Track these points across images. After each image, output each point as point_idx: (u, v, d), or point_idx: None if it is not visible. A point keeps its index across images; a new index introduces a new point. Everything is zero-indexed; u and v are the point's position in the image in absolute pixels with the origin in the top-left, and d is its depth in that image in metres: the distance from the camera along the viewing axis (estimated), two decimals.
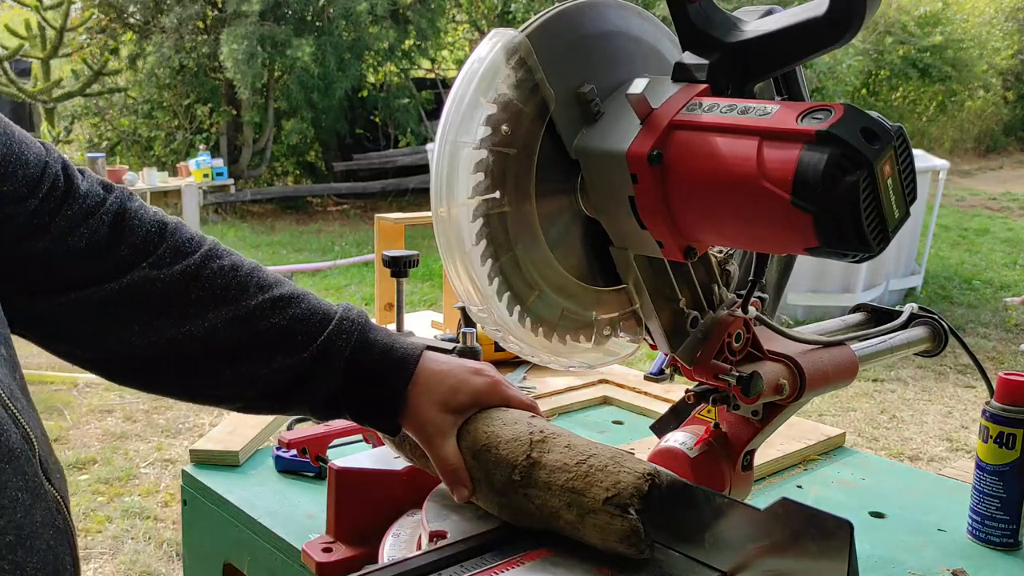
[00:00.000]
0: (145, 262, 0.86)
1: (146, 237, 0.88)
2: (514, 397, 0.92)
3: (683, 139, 0.78)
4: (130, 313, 0.85)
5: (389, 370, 0.89)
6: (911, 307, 1.15)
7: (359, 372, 0.89)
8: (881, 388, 4.71)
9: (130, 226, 0.87)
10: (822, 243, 0.72)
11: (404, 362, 0.89)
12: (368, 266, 7.20)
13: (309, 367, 0.88)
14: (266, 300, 0.89)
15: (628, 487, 0.80)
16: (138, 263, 0.86)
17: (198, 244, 0.90)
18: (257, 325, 0.88)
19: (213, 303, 0.87)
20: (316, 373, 0.88)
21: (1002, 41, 14.73)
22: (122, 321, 0.86)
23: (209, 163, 6.91)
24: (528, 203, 0.85)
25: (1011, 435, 1.05)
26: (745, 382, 0.87)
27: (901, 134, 0.72)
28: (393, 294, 1.54)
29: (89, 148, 9.30)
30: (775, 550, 0.75)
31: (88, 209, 0.86)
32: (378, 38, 10.02)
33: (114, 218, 0.87)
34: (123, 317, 0.86)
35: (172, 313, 0.86)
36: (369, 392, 0.90)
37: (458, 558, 0.82)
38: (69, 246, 0.84)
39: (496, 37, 0.84)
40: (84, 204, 0.86)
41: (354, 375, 0.89)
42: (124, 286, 0.85)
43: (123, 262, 0.86)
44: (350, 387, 0.89)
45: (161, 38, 9.72)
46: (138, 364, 0.88)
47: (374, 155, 11.12)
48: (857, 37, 1.14)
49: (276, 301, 0.89)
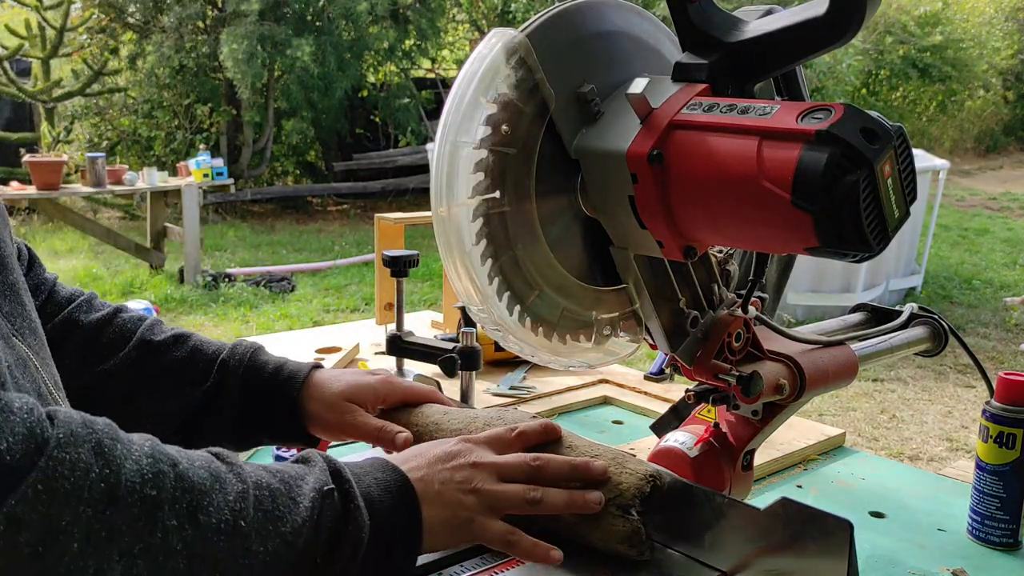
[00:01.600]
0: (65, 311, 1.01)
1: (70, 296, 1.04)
2: (411, 386, 1.01)
3: (683, 139, 0.78)
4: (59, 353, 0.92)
5: (282, 383, 0.98)
6: (911, 307, 1.15)
7: (255, 389, 0.98)
8: (881, 388, 4.71)
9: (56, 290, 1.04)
10: (822, 243, 0.72)
11: (295, 374, 0.99)
12: (368, 266, 7.20)
13: (210, 391, 0.98)
14: (168, 337, 1.01)
15: (630, 488, 0.80)
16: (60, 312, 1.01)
17: (108, 304, 1.05)
18: (162, 359, 1.00)
19: (123, 343, 1.00)
20: (216, 395, 0.98)
21: (1002, 41, 14.73)
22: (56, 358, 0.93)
23: (209, 163, 6.89)
24: (528, 203, 0.85)
25: (1011, 435, 1.05)
26: (745, 382, 0.87)
27: (901, 134, 0.72)
28: (393, 294, 1.54)
29: (89, 148, 9.29)
30: (775, 550, 0.75)
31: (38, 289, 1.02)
32: (378, 38, 10.02)
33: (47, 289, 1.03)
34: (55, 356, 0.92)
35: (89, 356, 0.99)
36: (268, 407, 0.98)
37: (458, 558, 0.82)
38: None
39: (496, 37, 0.84)
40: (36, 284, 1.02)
41: (251, 392, 0.98)
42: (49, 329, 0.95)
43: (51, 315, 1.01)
44: (250, 405, 0.98)
45: (161, 38, 9.72)
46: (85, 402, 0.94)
47: (374, 155, 11.12)
48: (857, 37, 1.14)
49: (177, 337, 1.02)
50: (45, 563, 0.57)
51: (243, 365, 0.99)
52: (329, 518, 0.71)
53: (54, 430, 0.59)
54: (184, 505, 0.63)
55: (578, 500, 0.80)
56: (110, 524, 0.59)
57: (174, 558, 0.62)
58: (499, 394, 1.55)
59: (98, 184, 6.27)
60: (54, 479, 0.57)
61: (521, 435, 0.86)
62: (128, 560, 0.60)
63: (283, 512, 0.69)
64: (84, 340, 1.00)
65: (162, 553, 0.61)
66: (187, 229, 6.55)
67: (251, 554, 0.66)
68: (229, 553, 0.65)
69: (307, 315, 5.91)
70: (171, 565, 0.62)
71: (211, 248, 8.01)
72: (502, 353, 1.63)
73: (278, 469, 0.73)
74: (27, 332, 0.79)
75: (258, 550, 0.66)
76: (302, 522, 0.69)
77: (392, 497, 0.76)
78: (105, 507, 0.59)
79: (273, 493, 0.70)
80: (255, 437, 1.01)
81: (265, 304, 6.15)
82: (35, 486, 0.56)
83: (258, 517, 0.67)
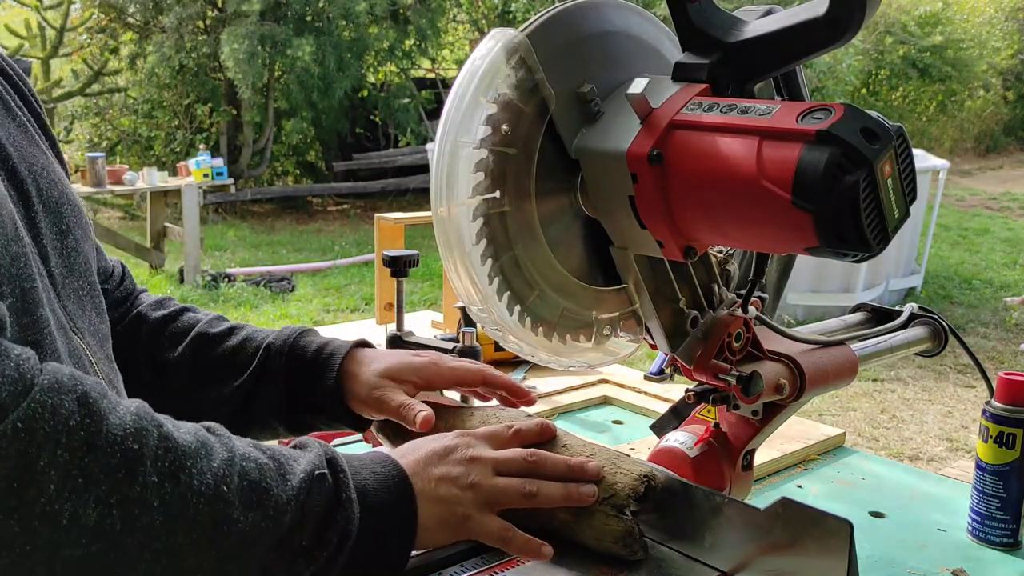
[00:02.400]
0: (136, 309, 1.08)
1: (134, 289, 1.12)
2: (460, 365, 1.00)
3: (683, 139, 0.78)
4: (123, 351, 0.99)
5: (323, 361, 0.99)
6: (911, 307, 1.15)
7: (298, 369, 0.99)
8: (881, 388, 4.71)
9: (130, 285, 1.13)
10: (822, 243, 0.72)
11: (336, 351, 0.99)
12: (368, 266, 7.20)
13: (258, 373, 1.00)
14: (224, 329, 1.05)
15: (624, 488, 0.80)
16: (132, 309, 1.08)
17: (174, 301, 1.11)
18: (215, 349, 1.03)
19: (183, 336, 1.04)
20: (263, 378, 1.00)
21: (1002, 41, 14.73)
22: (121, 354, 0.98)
23: (209, 163, 6.89)
24: (528, 203, 0.85)
25: (1011, 435, 1.05)
26: (745, 382, 0.87)
27: (901, 134, 0.72)
28: (393, 294, 1.54)
29: (89, 148, 9.29)
30: (775, 550, 0.76)
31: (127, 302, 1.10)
32: (378, 38, 10.02)
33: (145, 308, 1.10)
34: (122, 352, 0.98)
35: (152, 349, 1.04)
36: (311, 385, 0.98)
37: (458, 558, 0.82)
38: None
39: (496, 37, 0.83)
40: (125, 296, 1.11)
41: (294, 372, 0.99)
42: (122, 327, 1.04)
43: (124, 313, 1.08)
44: (294, 385, 0.99)
45: (161, 38, 9.72)
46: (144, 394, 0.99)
47: (374, 155, 11.12)
48: (857, 37, 1.14)
49: (232, 328, 1.05)
50: (22, 499, 0.59)
51: (287, 346, 1.00)
52: (318, 503, 0.71)
53: (41, 377, 0.62)
54: (166, 464, 0.64)
55: (573, 493, 0.81)
56: (87, 471, 0.61)
57: (150, 513, 0.63)
58: None
59: (98, 184, 6.27)
60: (34, 420, 0.60)
61: (517, 433, 0.87)
62: (104, 509, 0.61)
63: (270, 486, 0.69)
64: (150, 334, 1.05)
65: (139, 506, 0.62)
66: (187, 229, 6.55)
67: (231, 522, 0.66)
68: (209, 517, 0.65)
69: (307, 315, 5.92)
70: (147, 520, 0.63)
71: (211, 248, 8.01)
72: (502, 353, 1.63)
73: (271, 448, 0.74)
74: (87, 332, 0.85)
75: (238, 518, 0.66)
76: (287, 499, 0.69)
77: (388, 492, 0.76)
78: (84, 454, 0.61)
79: (261, 467, 0.70)
80: (304, 419, 1.01)
81: (265, 304, 6.15)
82: (15, 424, 0.59)
83: (243, 486, 0.68)
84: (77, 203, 0.90)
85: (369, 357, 0.99)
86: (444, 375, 0.98)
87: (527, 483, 0.81)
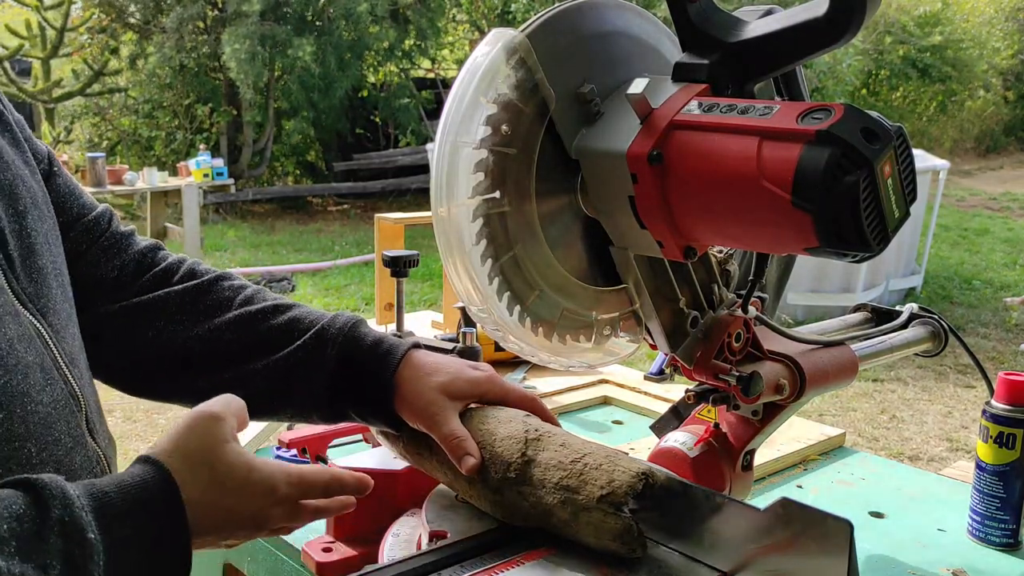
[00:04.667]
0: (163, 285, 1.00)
1: (167, 268, 1.02)
2: (513, 389, 0.93)
3: (683, 139, 0.78)
4: (147, 322, 0.97)
5: (379, 357, 0.93)
6: (911, 307, 1.15)
7: (350, 359, 0.93)
8: (881, 388, 4.71)
9: (153, 261, 1.03)
10: (822, 243, 0.72)
11: (393, 349, 0.93)
12: (368, 266, 7.20)
13: (304, 355, 0.94)
14: (268, 306, 0.98)
15: (622, 486, 0.80)
16: (157, 288, 0.99)
17: (210, 270, 1.03)
18: (259, 326, 0.96)
19: (220, 311, 0.97)
20: (310, 360, 0.93)
21: (1002, 41, 14.73)
22: (139, 328, 0.97)
23: (209, 163, 6.90)
24: (528, 203, 0.85)
25: (1011, 435, 1.05)
26: (745, 382, 0.87)
27: (901, 134, 0.72)
28: (393, 294, 1.54)
29: (89, 148, 9.30)
30: (775, 550, 0.75)
31: (119, 246, 1.02)
32: (378, 38, 10.02)
33: (141, 257, 1.02)
34: (140, 325, 0.97)
35: (183, 320, 0.97)
36: (360, 378, 0.93)
37: (458, 558, 0.82)
38: (101, 274, 0.99)
39: (496, 37, 0.84)
40: (115, 241, 1.02)
41: (345, 361, 0.93)
42: (144, 301, 0.98)
43: (144, 288, 1.00)
44: (343, 374, 0.93)
45: (162, 38, 9.72)
46: (151, 367, 0.98)
47: (374, 155, 11.12)
48: (857, 37, 1.15)
49: (277, 307, 0.98)
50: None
51: (343, 334, 0.94)
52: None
53: None
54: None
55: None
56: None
57: None
58: None
59: (98, 184, 6.27)
60: None
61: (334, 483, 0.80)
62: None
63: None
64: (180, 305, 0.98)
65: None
66: (187, 229, 6.55)
67: None
68: None
69: None
70: None
71: (211, 248, 8.01)
72: (502, 353, 1.63)
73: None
74: (49, 311, 0.84)
75: None
76: None
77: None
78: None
79: None
80: (343, 408, 0.96)
81: None
82: None
83: None
84: (31, 184, 0.89)
85: (428, 366, 0.93)
86: (497, 393, 0.93)
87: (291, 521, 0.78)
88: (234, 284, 1.01)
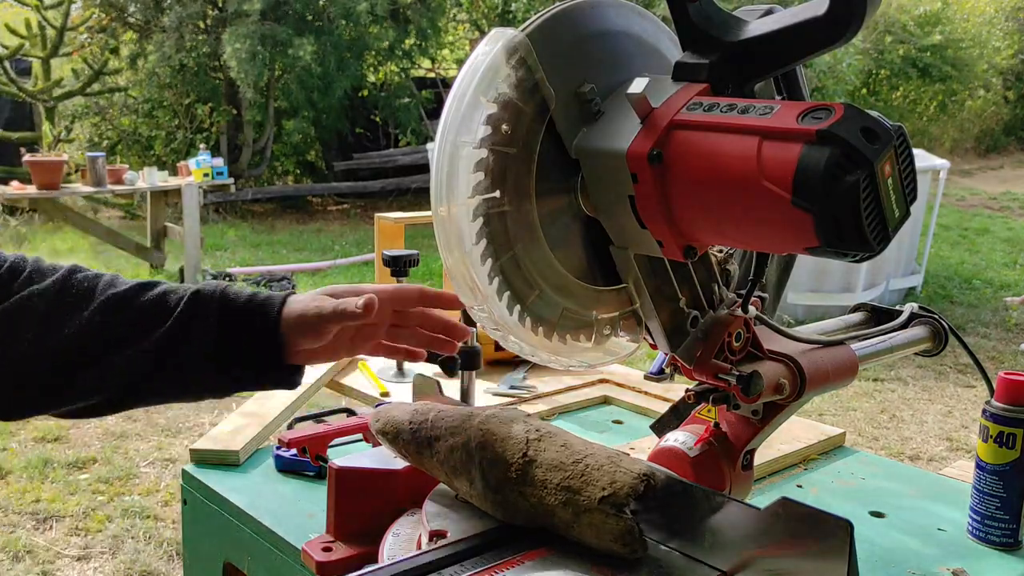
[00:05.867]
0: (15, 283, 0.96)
1: (12, 265, 0.98)
2: (399, 284, 1.04)
3: (683, 138, 0.78)
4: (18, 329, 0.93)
5: (257, 306, 0.97)
6: (911, 307, 1.15)
7: (231, 313, 0.96)
8: (881, 388, 4.71)
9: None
10: (822, 243, 0.72)
11: (271, 298, 0.98)
12: (368, 266, 7.20)
13: (187, 319, 0.95)
14: (134, 285, 0.98)
15: (624, 487, 0.80)
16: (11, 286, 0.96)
17: (60, 266, 1.00)
18: (132, 304, 0.96)
19: (86, 301, 0.95)
20: (193, 324, 0.95)
21: (1002, 41, 14.73)
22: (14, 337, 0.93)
23: (209, 162, 6.89)
24: (528, 202, 0.85)
25: (1011, 435, 1.05)
26: (745, 381, 0.87)
27: (901, 134, 0.72)
28: None
29: (89, 147, 9.28)
30: (775, 549, 0.75)
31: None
32: (378, 38, 10.01)
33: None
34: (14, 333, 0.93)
35: (53, 320, 0.94)
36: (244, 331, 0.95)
37: (458, 558, 0.82)
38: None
39: (496, 36, 0.83)
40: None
41: (228, 317, 0.95)
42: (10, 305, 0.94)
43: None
44: (227, 326, 0.95)
45: (162, 37, 9.72)
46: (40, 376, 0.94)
47: (374, 154, 11.12)
48: (857, 37, 1.14)
49: (143, 285, 0.98)
50: None
51: (218, 291, 0.97)
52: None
53: None
54: None
55: None
56: None
57: None
58: (499, 394, 1.55)
59: (98, 184, 6.27)
60: None
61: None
62: None
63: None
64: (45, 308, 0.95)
65: None
66: (187, 229, 6.54)
67: None
68: None
69: None
70: None
71: (211, 248, 8.01)
72: (502, 353, 1.63)
73: None
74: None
75: None
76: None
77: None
78: None
79: None
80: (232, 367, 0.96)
81: None
82: None
83: None
84: None
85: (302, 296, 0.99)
86: (383, 290, 1.00)
87: None
88: (88, 274, 1.00)
